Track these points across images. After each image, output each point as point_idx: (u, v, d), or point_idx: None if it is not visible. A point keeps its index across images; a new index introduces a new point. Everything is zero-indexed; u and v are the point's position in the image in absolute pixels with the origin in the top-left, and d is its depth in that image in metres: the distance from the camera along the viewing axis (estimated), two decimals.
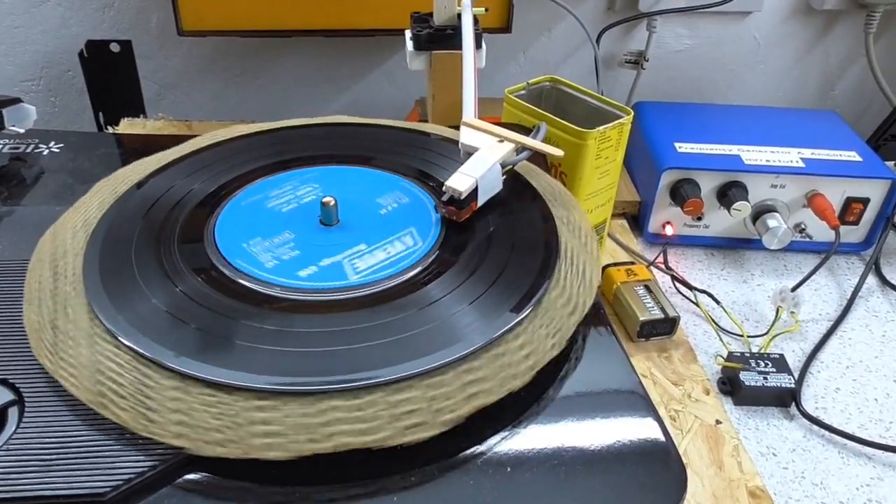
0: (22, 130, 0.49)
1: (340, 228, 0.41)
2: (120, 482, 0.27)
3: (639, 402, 0.34)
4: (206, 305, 0.34)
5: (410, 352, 0.32)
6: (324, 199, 0.40)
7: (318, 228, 0.41)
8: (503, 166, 0.43)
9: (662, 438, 0.33)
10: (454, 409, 0.30)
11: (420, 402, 0.30)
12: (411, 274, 0.38)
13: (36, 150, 0.50)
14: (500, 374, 0.32)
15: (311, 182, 0.45)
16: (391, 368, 0.31)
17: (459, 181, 0.40)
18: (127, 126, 0.76)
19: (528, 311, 0.35)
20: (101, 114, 0.80)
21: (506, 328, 0.34)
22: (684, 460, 0.45)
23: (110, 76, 0.79)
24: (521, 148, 0.44)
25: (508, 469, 0.30)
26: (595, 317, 0.38)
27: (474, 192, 0.41)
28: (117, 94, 0.80)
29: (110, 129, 0.77)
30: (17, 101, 0.49)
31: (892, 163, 0.78)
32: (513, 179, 0.45)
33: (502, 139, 0.44)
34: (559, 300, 0.36)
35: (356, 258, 0.39)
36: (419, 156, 0.48)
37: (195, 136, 0.50)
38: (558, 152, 0.44)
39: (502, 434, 0.31)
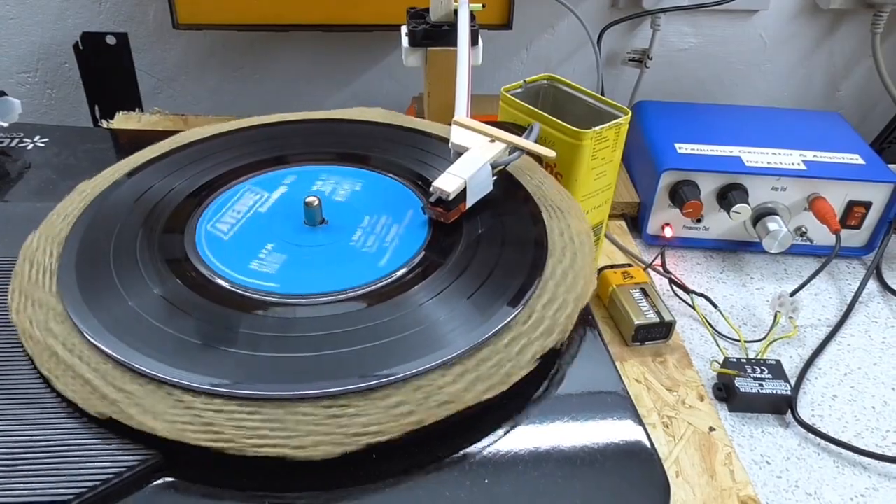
0: (6, 124, 0.49)
1: (322, 230, 0.40)
2: (84, 489, 0.26)
3: (622, 407, 0.33)
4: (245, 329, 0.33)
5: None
6: (307, 200, 0.39)
7: (305, 230, 0.40)
8: (494, 167, 0.42)
9: (645, 444, 0.32)
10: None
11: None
12: (398, 275, 0.37)
13: (21, 145, 0.49)
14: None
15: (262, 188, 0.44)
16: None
17: (447, 182, 0.39)
18: (122, 120, 0.76)
19: (517, 312, 0.34)
20: (96, 107, 0.79)
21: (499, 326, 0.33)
22: (675, 468, 0.45)
23: (106, 69, 0.78)
24: (513, 148, 0.43)
25: (486, 480, 0.29)
26: (582, 319, 0.38)
27: (463, 193, 0.40)
28: (113, 87, 0.79)
29: (105, 123, 0.76)
30: (0, 94, 0.48)
31: None
32: (505, 180, 0.44)
33: (494, 139, 0.43)
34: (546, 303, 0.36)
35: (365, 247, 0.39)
36: (416, 156, 0.48)
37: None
38: (550, 153, 0.43)
39: (483, 439, 0.31)
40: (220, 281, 0.36)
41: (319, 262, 0.38)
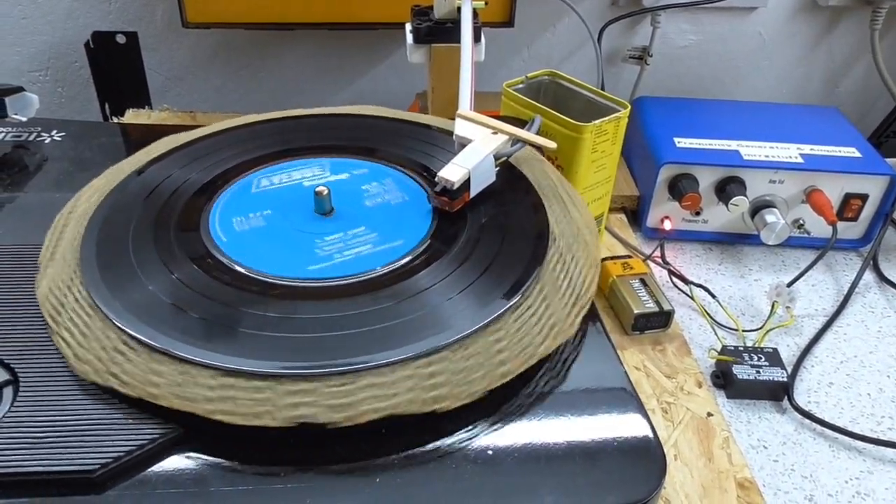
0: (24, 119, 0.50)
1: (331, 219, 0.41)
2: (109, 460, 0.28)
3: (623, 394, 0.35)
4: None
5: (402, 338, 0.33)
6: (317, 189, 0.40)
7: (312, 217, 0.41)
8: (497, 158, 0.44)
9: (646, 429, 0.33)
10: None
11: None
12: (404, 261, 0.38)
13: (38, 139, 0.51)
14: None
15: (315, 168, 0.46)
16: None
17: (452, 172, 0.40)
18: (132, 117, 0.77)
19: (517, 300, 0.35)
20: (106, 105, 0.81)
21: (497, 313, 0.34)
22: (674, 451, 0.46)
23: (116, 67, 0.79)
24: (515, 140, 0.45)
25: (490, 452, 0.30)
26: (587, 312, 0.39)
27: (467, 183, 0.41)
28: (123, 85, 0.81)
29: (115, 120, 0.78)
30: (19, 89, 0.50)
31: (895, 160, 0.78)
32: (507, 171, 0.46)
33: (496, 131, 0.44)
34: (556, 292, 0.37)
35: (334, 248, 0.39)
36: (422, 149, 0.49)
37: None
38: (551, 144, 0.44)
39: (486, 422, 0.32)
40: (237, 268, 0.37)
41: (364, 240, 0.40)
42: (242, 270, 0.37)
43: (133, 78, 0.80)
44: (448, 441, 0.31)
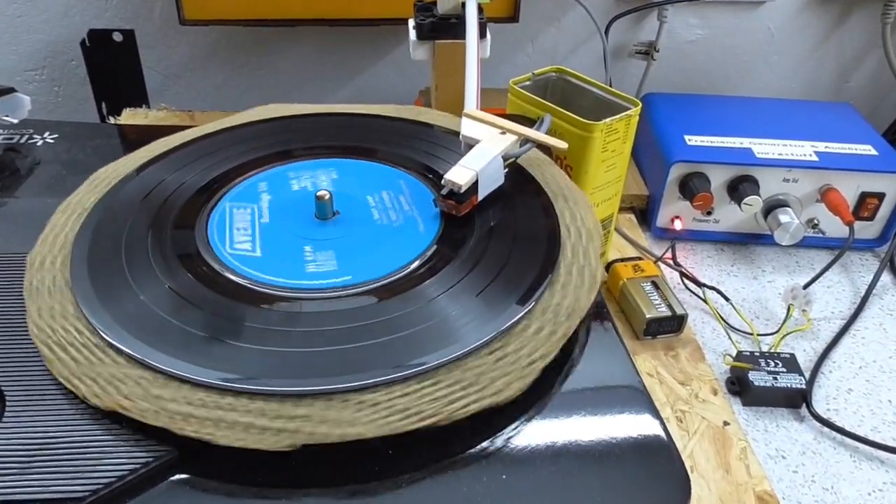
0: (16, 121, 0.49)
1: (332, 224, 0.40)
2: (100, 486, 0.26)
3: (640, 402, 0.33)
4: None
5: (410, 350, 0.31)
6: (318, 193, 0.39)
7: (314, 222, 0.40)
8: (505, 159, 0.42)
9: (664, 440, 0.31)
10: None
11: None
12: (410, 269, 0.37)
13: (30, 141, 0.49)
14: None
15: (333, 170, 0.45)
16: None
17: (459, 174, 0.39)
18: (129, 116, 0.76)
19: (529, 308, 0.34)
20: (103, 104, 0.79)
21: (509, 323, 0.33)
22: (690, 463, 0.44)
23: (113, 66, 0.78)
24: (524, 140, 0.43)
25: (503, 476, 0.29)
26: (597, 314, 0.37)
27: (474, 186, 0.39)
28: (120, 83, 0.79)
29: (112, 120, 0.76)
30: (10, 90, 0.48)
31: None
32: (516, 172, 0.44)
33: (504, 131, 0.43)
34: (557, 299, 0.35)
35: (312, 260, 0.37)
36: (425, 149, 0.47)
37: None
38: (562, 144, 0.42)
39: (499, 434, 0.30)
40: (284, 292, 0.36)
41: (368, 247, 0.38)
42: (240, 280, 0.35)
43: (130, 76, 0.79)
44: (454, 459, 0.29)
